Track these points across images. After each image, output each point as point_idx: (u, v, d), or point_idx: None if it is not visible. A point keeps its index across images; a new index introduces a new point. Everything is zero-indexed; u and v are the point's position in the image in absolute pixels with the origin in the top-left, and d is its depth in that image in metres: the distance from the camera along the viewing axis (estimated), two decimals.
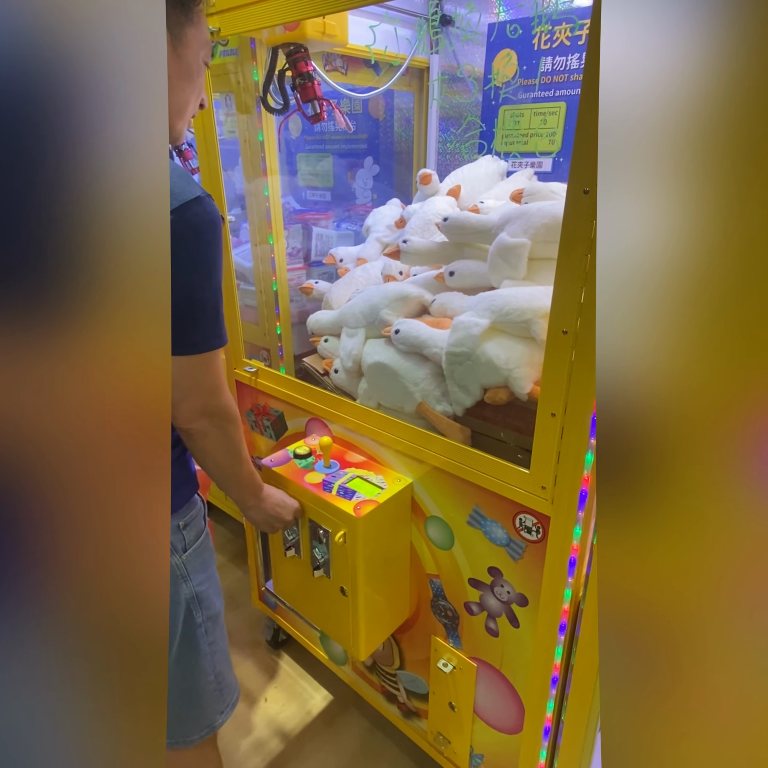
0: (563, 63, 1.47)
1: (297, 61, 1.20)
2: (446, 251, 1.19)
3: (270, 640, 1.70)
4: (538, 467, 0.85)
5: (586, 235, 0.70)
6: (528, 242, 0.97)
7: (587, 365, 0.75)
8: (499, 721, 1.11)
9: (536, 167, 1.57)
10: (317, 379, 1.36)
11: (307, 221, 1.76)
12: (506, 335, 0.96)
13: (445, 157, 1.81)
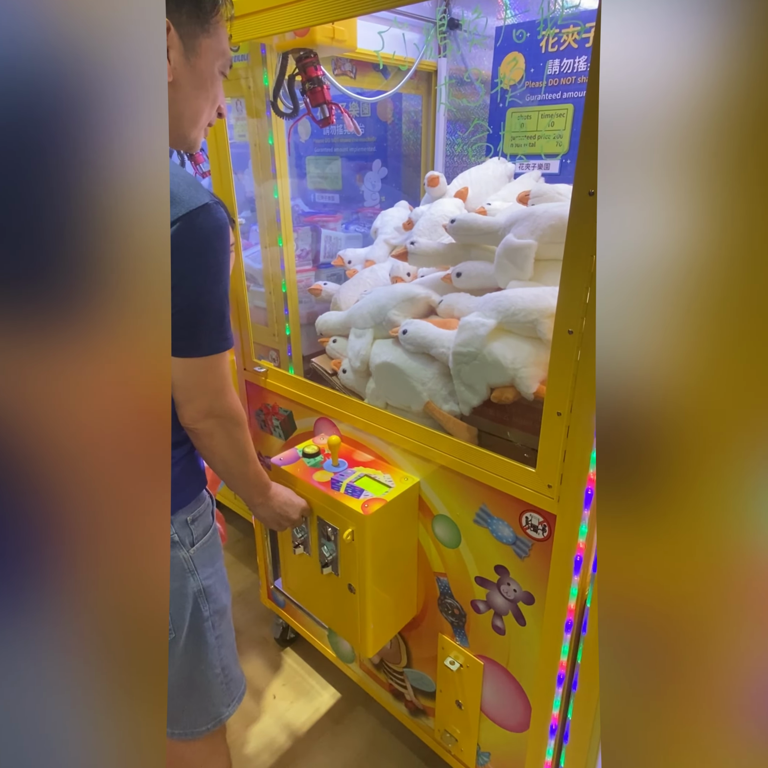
0: (570, 65, 1.48)
1: (306, 66, 1.22)
2: (453, 252, 1.20)
3: (278, 637, 1.71)
4: (544, 466, 0.85)
5: (591, 237, 0.70)
6: (534, 243, 0.98)
7: (592, 365, 0.75)
8: (506, 719, 1.11)
9: (544, 169, 1.57)
10: (326, 379, 1.37)
11: (316, 223, 1.78)
12: (513, 335, 0.97)
13: (453, 160, 1.82)
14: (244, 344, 1.40)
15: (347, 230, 1.87)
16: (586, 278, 0.72)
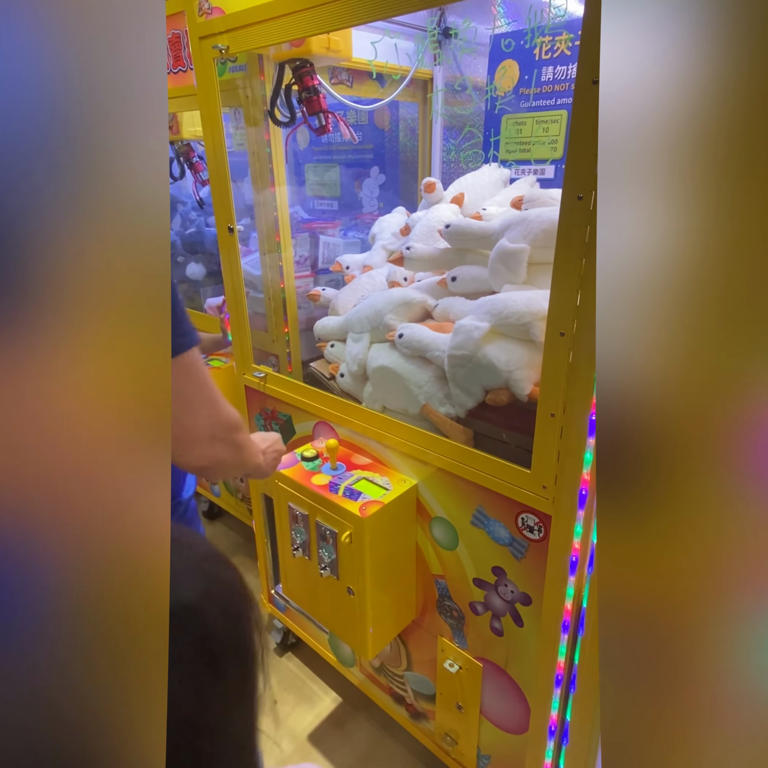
0: (564, 72, 1.50)
1: (303, 76, 1.24)
2: (449, 257, 1.22)
3: (279, 642, 1.72)
4: (538, 467, 0.86)
5: (581, 240, 0.72)
6: (527, 247, 0.99)
7: (584, 366, 0.76)
8: (505, 721, 1.11)
9: (539, 174, 1.59)
10: (324, 383, 1.39)
11: (314, 230, 1.80)
12: (506, 338, 0.98)
13: (450, 166, 1.84)
14: (244, 350, 1.41)
15: (346, 236, 1.88)
16: (577, 281, 0.73)
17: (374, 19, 0.93)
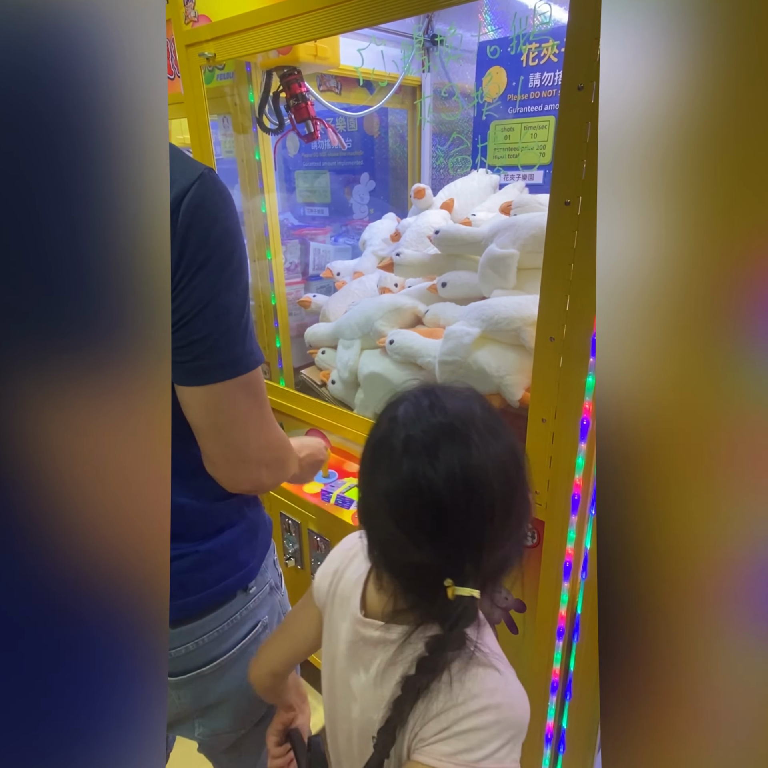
0: (551, 78, 1.51)
1: (290, 83, 1.24)
2: (439, 263, 1.22)
3: None
4: (531, 473, 0.86)
5: (569, 245, 0.72)
6: (516, 253, 0.99)
7: (574, 371, 0.76)
8: None
9: (528, 180, 1.60)
10: (315, 390, 1.38)
11: (305, 236, 1.80)
12: (497, 343, 0.98)
13: (440, 172, 1.84)
14: None
15: (336, 243, 1.88)
16: (566, 286, 0.73)
17: (361, 26, 0.93)
